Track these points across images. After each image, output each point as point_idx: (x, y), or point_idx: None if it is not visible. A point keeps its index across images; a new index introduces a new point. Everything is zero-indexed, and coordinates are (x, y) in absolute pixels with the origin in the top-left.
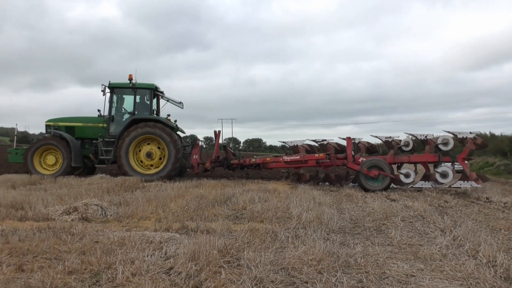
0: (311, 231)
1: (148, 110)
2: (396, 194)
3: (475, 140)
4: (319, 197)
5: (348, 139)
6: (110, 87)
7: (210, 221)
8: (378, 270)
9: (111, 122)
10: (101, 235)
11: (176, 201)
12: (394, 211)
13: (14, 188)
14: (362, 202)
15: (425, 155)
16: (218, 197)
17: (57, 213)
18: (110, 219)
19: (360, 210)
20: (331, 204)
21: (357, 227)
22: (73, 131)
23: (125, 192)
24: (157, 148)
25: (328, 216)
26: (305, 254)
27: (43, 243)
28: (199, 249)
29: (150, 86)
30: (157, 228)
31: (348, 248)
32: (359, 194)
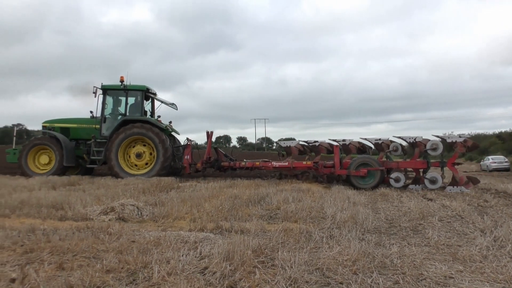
0: (345, 231)
1: (139, 112)
2: (433, 193)
3: (465, 142)
4: (354, 196)
5: (335, 147)
6: (102, 88)
7: (244, 221)
8: (415, 271)
9: (103, 123)
10: (137, 234)
11: (210, 201)
12: (431, 210)
13: (55, 188)
14: (397, 201)
15: (413, 162)
16: (252, 197)
17: (95, 213)
18: (146, 219)
19: (395, 210)
20: (365, 203)
21: (393, 227)
22: (68, 132)
23: (160, 193)
24: (147, 148)
25: (363, 216)
26: (340, 254)
27: (82, 242)
28: (234, 249)
29: (141, 88)
30: (192, 228)
31: (383, 249)
32: (395, 193)
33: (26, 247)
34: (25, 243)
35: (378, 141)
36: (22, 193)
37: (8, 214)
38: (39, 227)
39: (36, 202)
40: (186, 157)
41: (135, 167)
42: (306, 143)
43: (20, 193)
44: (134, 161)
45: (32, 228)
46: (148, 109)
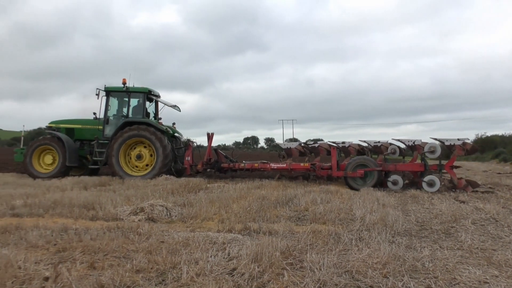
0: (375, 234)
1: (141, 113)
2: (465, 195)
3: (464, 145)
4: (383, 198)
5: (332, 149)
6: (105, 90)
7: (272, 223)
8: (447, 275)
9: (106, 125)
10: (166, 235)
11: (238, 202)
12: (463, 213)
13: (86, 189)
14: (428, 203)
15: (411, 164)
16: (280, 198)
17: (125, 213)
18: (175, 220)
19: (426, 212)
20: (395, 205)
21: (424, 230)
22: (72, 132)
23: (188, 193)
24: (147, 150)
25: (393, 218)
26: (370, 257)
27: (113, 242)
28: (262, 250)
29: (143, 90)
30: (220, 229)
31: (415, 252)
32: (425, 195)
33: (59, 246)
34: (58, 242)
35: (377, 144)
36: (55, 193)
37: (42, 214)
38: (71, 226)
39: (69, 202)
40: (187, 158)
41: (135, 168)
42: (306, 145)
43: (53, 193)
44: (135, 162)
45: (64, 227)
46: (152, 111)
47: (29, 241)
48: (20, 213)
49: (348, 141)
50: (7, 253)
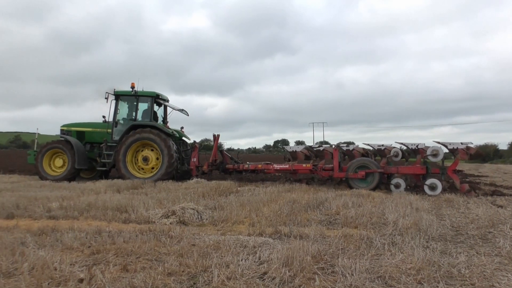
0: (408, 238)
1: (148, 117)
2: (503, 199)
3: (467, 149)
4: (416, 202)
5: (334, 150)
6: (115, 94)
7: (303, 226)
8: (485, 282)
9: (114, 128)
10: (197, 238)
11: (269, 206)
12: (501, 218)
13: (119, 192)
14: (464, 208)
15: (413, 167)
16: (311, 201)
17: (157, 216)
18: (206, 223)
19: (462, 217)
20: (429, 209)
21: (460, 235)
22: (83, 135)
23: (219, 197)
24: (153, 153)
25: (427, 223)
26: (403, 262)
27: (145, 245)
28: (293, 254)
29: (151, 94)
30: (251, 233)
31: (450, 258)
32: (461, 199)
33: (93, 248)
34: (92, 245)
35: (381, 147)
36: (90, 196)
37: (77, 216)
38: (105, 229)
39: (102, 204)
40: (193, 159)
41: (142, 170)
42: (311, 148)
43: (88, 196)
44: (142, 165)
45: (98, 230)
46: (161, 114)
47: (64, 243)
48: (56, 215)
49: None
50: (43, 254)
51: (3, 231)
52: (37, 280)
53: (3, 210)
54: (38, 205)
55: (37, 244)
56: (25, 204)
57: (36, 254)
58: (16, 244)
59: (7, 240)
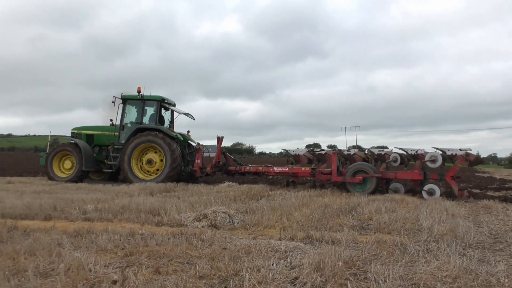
0: (444, 245)
1: (153, 120)
2: None
3: (467, 156)
4: (452, 208)
5: (333, 154)
6: (122, 98)
7: (335, 231)
8: None
9: (121, 131)
10: (228, 242)
11: (300, 210)
12: None
13: (152, 195)
14: (503, 214)
15: (411, 173)
16: (343, 206)
17: (189, 220)
18: (237, 227)
19: (501, 224)
20: (466, 216)
21: (499, 243)
22: (92, 138)
23: (250, 200)
24: (158, 155)
25: (464, 229)
26: (439, 270)
27: (177, 247)
28: (324, 259)
29: (157, 98)
30: (282, 237)
31: (488, 266)
32: (499, 206)
33: (126, 250)
34: (125, 247)
35: (381, 152)
36: (123, 199)
37: (111, 219)
38: (138, 231)
39: (136, 207)
40: (197, 161)
41: (147, 173)
42: (314, 152)
43: (122, 199)
44: (146, 167)
45: (131, 232)
46: (168, 118)
47: (99, 244)
48: (91, 217)
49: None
50: (79, 255)
51: (41, 232)
52: (72, 281)
53: (41, 211)
54: (74, 207)
55: (73, 245)
56: (62, 206)
57: (72, 255)
58: (53, 245)
59: (44, 241)
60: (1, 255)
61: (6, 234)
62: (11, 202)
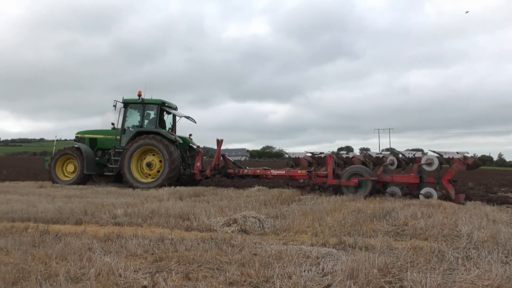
0: (485, 252)
1: (154, 124)
2: None
3: (465, 159)
4: (493, 213)
5: (329, 156)
6: (123, 102)
7: (368, 237)
8: None
9: (122, 135)
10: (259, 247)
11: (332, 215)
12: None
13: (182, 199)
14: None
15: (407, 176)
16: (377, 211)
17: (219, 224)
18: (267, 232)
19: None
20: (508, 222)
21: None
22: (95, 142)
23: (281, 205)
24: (157, 159)
25: (506, 236)
26: (479, 278)
27: (207, 253)
28: (358, 266)
29: (157, 102)
30: (314, 243)
31: None
32: None
33: (155, 255)
34: (155, 252)
35: (379, 155)
36: (153, 203)
37: (141, 223)
38: (168, 236)
39: (165, 212)
40: (196, 164)
41: (148, 176)
42: (313, 155)
43: (151, 203)
44: (146, 170)
45: (161, 237)
46: (170, 122)
47: (129, 249)
48: (121, 222)
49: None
50: (109, 260)
51: (72, 237)
52: (102, 286)
53: (72, 216)
54: (104, 211)
55: (103, 250)
56: (92, 210)
57: (102, 260)
58: (84, 250)
59: (75, 245)
60: (33, 259)
61: (39, 238)
62: (43, 207)
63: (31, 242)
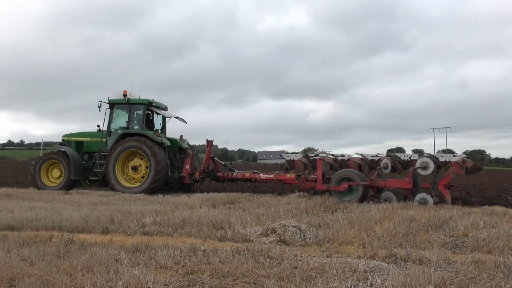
0: None
1: (140, 125)
2: None
3: (463, 163)
4: None
5: (318, 159)
6: (109, 103)
7: (423, 249)
8: None
9: (108, 137)
10: (299, 260)
11: (381, 224)
12: None
13: (215, 206)
14: None
15: (400, 181)
16: (432, 220)
17: (255, 234)
18: (309, 243)
19: None
20: None
21: None
22: (82, 145)
23: (324, 213)
24: (143, 162)
25: None
26: None
27: (242, 266)
28: (411, 282)
29: (144, 102)
30: (361, 255)
31: None
32: None
33: (187, 268)
34: (186, 264)
35: (374, 158)
36: (184, 211)
37: (171, 233)
38: (200, 247)
39: (197, 220)
40: (186, 166)
41: (132, 180)
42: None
43: (182, 211)
44: (132, 174)
45: (193, 248)
46: (160, 123)
47: (158, 261)
48: (150, 231)
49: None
50: (137, 273)
51: (98, 247)
52: None
53: (98, 224)
54: (132, 220)
55: (131, 262)
56: (119, 219)
57: (130, 272)
58: (111, 261)
59: (102, 256)
60: (58, 270)
61: (63, 249)
62: (68, 214)
63: (56, 252)
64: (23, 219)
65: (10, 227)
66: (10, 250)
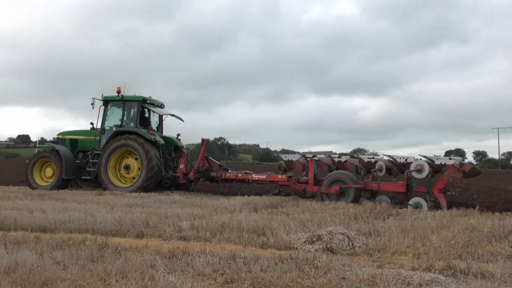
0: None
1: (134, 122)
2: None
3: (460, 166)
4: None
5: (310, 160)
6: (103, 100)
7: (485, 262)
8: None
9: (102, 135)
10: (348, 270)
11: (439, 233)
12: None
13: (256, 211)
14: None
15: (394, 184)
16: (496, 229)
17: (300, 242)
18: (358, 252)
19: None
20: None
21: None
22: (76, 144)
23: (375, 220)
24: (136, 161)
25: None
26: None
27: (285, 275)
28: None
29: (138, 99)
30: (415, 267)
31: None
32: None
33: (226, 276)
34: (225, 272)
35: (371, 160)
36: (223, 215)
37: (209, 238)
38: (240, 254)
39: (237, 225)
40: (180, 166)
41: (124, 179)
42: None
43: (221, 215)
44: (124, 173)
45: (232, 255)
46: (156, 121)
47: (195, 268)
48: (187, 236)
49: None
50: (173, 280)
51: (133, 252)
52: None
53: (133, 228)
54: (168, 223)
55: (167, 268)
56: (155, 222)
57: (166, 280)
58: (146, 267)
59: (136, 261)
60: (91, 275)
61: (97, 253)
62: (102, 217)
63: (89, 256)
64: (56, 220)
65: (43, 228)
66: (43, 253)
